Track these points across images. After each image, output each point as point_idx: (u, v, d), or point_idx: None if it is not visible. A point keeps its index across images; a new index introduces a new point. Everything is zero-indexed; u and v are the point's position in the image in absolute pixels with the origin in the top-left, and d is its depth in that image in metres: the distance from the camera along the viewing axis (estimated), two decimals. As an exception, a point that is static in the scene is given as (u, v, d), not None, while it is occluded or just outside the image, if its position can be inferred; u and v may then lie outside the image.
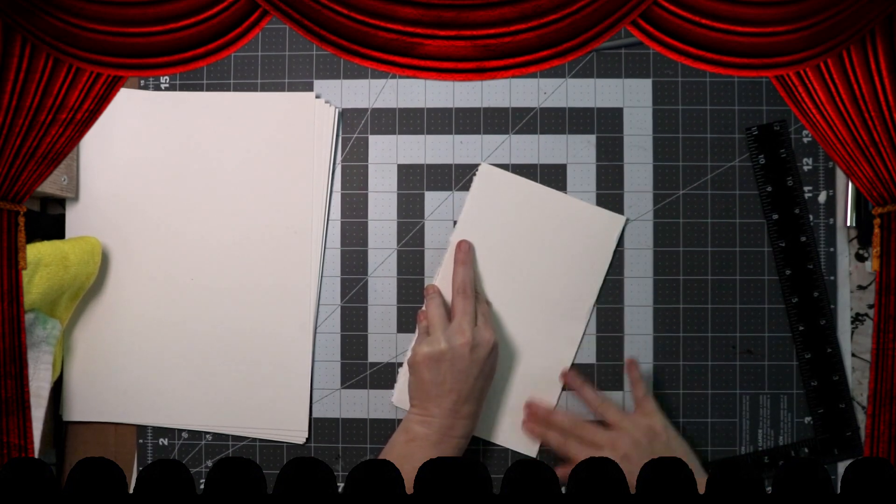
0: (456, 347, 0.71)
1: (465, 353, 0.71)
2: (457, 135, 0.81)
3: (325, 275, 0.81)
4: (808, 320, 0.79)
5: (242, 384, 0.80)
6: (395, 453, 0.72)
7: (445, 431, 0.71)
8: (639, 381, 0.76)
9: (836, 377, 0.78)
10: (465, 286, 0.75)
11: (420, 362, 0.72)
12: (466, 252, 0.77)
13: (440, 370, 0.71)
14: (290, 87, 0.81)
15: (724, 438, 0.79)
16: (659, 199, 0.80)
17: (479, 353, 0.72)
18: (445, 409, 0.71)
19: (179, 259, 0.80)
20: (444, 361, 0.71)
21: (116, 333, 0.81)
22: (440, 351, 0.71)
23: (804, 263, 0.79)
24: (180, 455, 0.81)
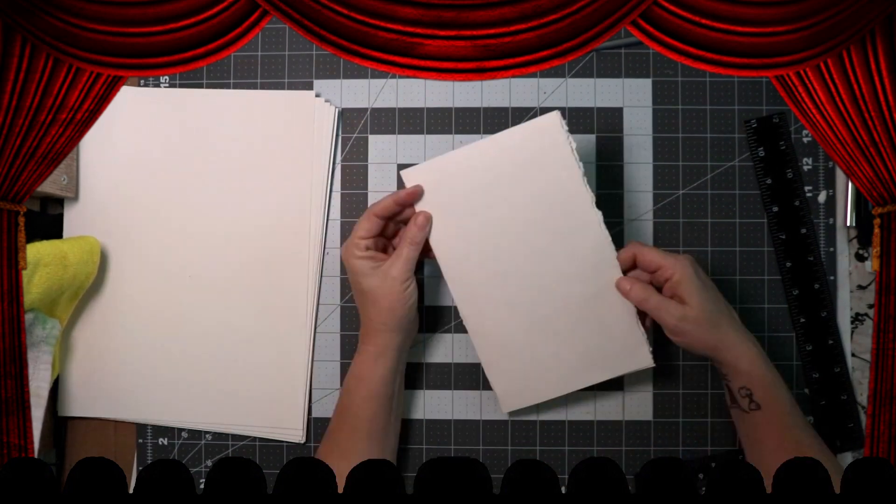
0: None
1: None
2: (457, 135, 0.81)
3: (325, 275, 0.81)
4: (808, 312, 0.79)
5: (241, 383, 0.80)
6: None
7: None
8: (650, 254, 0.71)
9: (837, 369, 0.79)
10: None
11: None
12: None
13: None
14: (289, 86, 0.81)
15: (725, 438, 0.79)
16: (659, 198, 0.80)
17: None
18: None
19: (178, 259, 0.80)
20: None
21: (116, 333, 0.81)
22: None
23: (804, 256, 0.79)
24: (180, 455, 0.81)
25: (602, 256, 0.72)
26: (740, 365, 0.69)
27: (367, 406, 0.73)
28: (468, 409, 0.80)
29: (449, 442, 0.80)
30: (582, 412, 0.80)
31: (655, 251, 0.70)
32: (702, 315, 0.68)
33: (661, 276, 0.70)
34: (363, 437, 0.72)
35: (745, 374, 0.69)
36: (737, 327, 0.70)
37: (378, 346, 0.73)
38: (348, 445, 0.72)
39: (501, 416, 0.80)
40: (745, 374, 0.69)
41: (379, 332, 0.73)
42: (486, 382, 0.80)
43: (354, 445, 0.72)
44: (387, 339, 0.73)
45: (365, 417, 0.73)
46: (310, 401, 0.80)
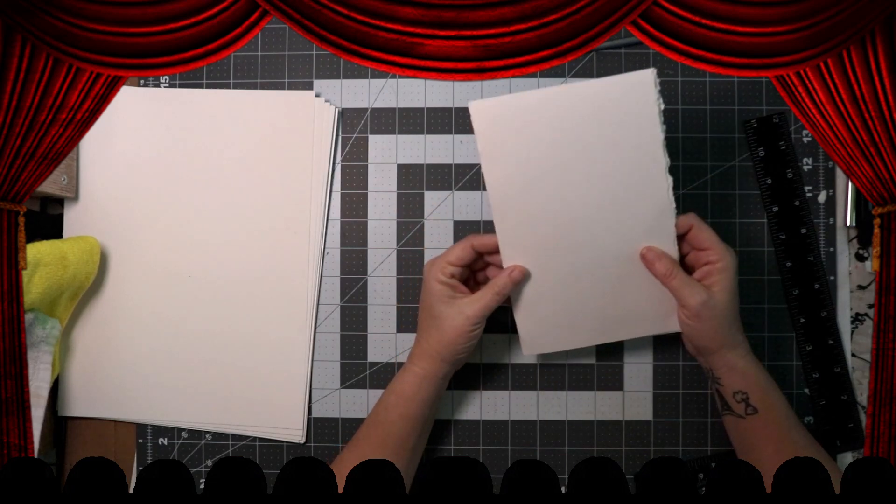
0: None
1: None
2: (456, 134, 0.81)
3: (325, 275, 0.81)
4: (808, 312, 0.79)
5: (241, 383, 0.80)
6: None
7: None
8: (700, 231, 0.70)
9: (837, 369, 0.79)
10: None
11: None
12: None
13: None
14: (289, 86, 0.81)
15: (725, 438, 0.79)
16: (659, 198, 0.80)
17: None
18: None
19: (178, 258, 0.80)
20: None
21: (115, 333, 0.81)
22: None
23: (805, 255, 0.79)
24: (180, 455, 0.81)
25: (661, 222, 0.70)
26: (738, 367, 0.69)
27: (401, 424, 0.72)
28: (468, 409, 0.80)
29: (449, 442, 0.80)
30: (582, 412, 0.80)
31: (712, 232, 0.69)
32: (723, 306, 0.68)
33: (707, 257, 0.69)
34: (390, 453, 0.72)
35: (741, 376, 0.69)
36: (742, 333, 0.70)
37: (427, 370, 0.72)
38: (374, 458, 0.72)
39: (502, 416, 0.80)
40: (741, 378, 0.69)
41: (432, 359, 0.72)
42: (487, 382, 0.80)
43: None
44: (437, 367, 0.72)
45: (396, 434, 0.72)
46: (310, 401, 0.80)
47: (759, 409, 0.69)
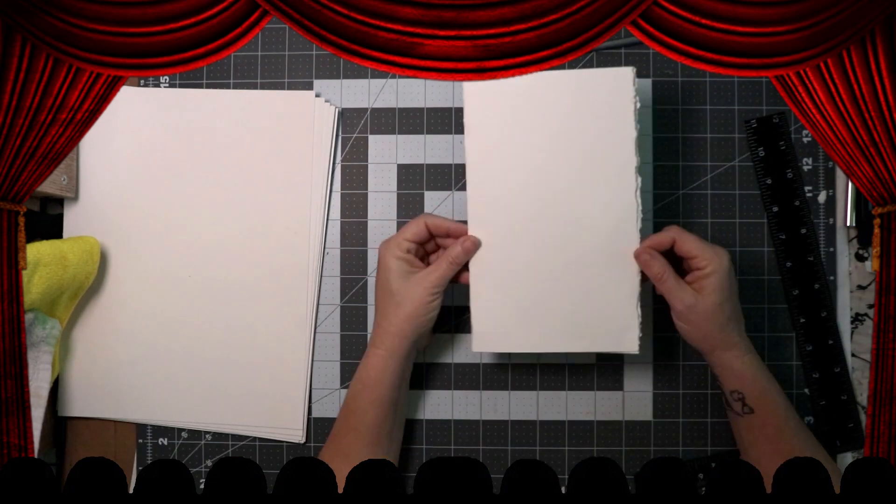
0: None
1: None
2: (456, 135, 0.81)
3: (325, 275, 0.81)
4: (808, 312, 0.79)
5: (241, 383, 0.80)
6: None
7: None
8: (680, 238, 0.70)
9: (837, 369, 0.79)
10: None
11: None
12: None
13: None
14: (289, 86, 0.81)
15: (725, 438, 0.79)
16: (659, 198, 0.80)
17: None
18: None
19: (178, 258, 0.80)
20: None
21: (115, 333, 0.81)
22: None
23: (804, 255, 0.79)
24: (180, 455, 0.81)
25: (625, 223, 0.70)
26: (733, 367, 0.69)
27: (372, 411, 0.72)
28: (468, 409, 0.80)
29: (449, 442, 0.80)
30: (582, 412, 0.80)
31: (696, 240, 0.69)
32: (711, 310, 0.68)
33: (696, 264, 0.69)
34: (367, 442, 0.72)
35: (737, 377, 0.69)
36: (740, 334, 0.70)
37: (389, 350, 0.72)
38: (352, 449, 0.72)
39: (502, 416, 0.80)
40: (737, 378, 0.69)
41: (393, 337, 0.72)
42: (487, 383, 0.80)
43: (358, 450, 0.72)
44: (399, 344, 0.72)
45: (369, 422, 0.72)
46: (310, 401, 0.80)
47: (755, 408, 0.69)
